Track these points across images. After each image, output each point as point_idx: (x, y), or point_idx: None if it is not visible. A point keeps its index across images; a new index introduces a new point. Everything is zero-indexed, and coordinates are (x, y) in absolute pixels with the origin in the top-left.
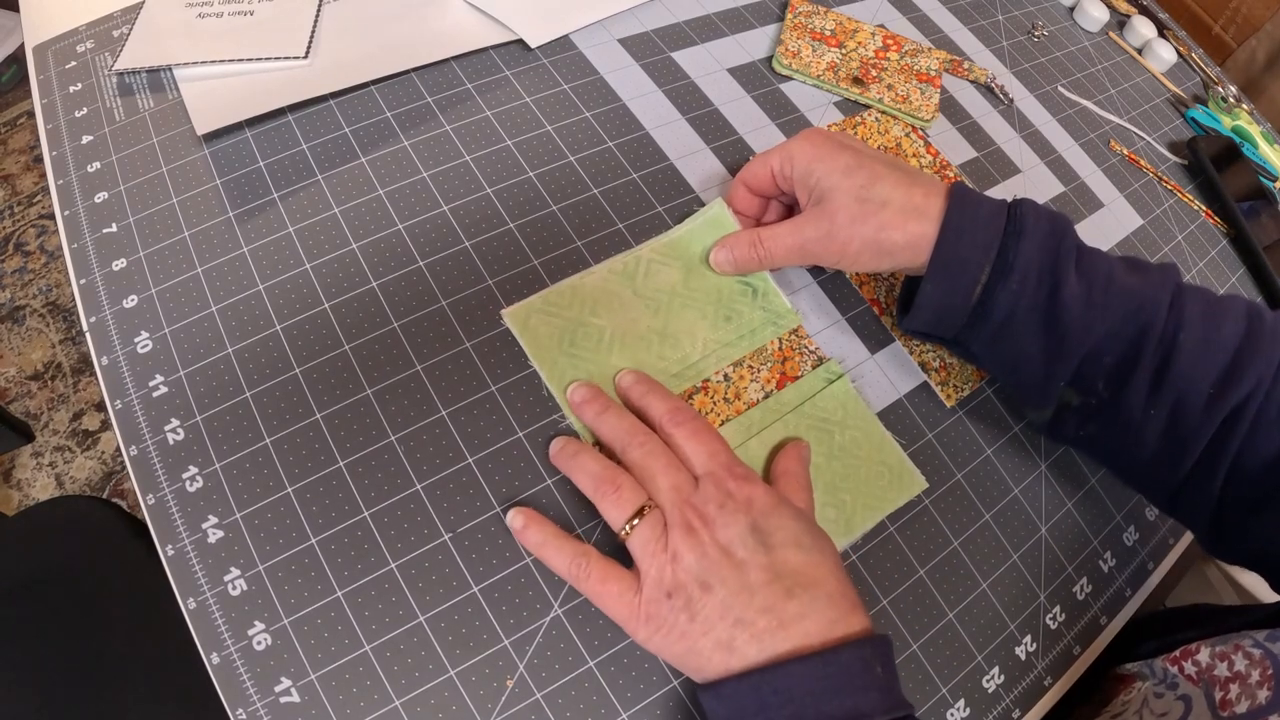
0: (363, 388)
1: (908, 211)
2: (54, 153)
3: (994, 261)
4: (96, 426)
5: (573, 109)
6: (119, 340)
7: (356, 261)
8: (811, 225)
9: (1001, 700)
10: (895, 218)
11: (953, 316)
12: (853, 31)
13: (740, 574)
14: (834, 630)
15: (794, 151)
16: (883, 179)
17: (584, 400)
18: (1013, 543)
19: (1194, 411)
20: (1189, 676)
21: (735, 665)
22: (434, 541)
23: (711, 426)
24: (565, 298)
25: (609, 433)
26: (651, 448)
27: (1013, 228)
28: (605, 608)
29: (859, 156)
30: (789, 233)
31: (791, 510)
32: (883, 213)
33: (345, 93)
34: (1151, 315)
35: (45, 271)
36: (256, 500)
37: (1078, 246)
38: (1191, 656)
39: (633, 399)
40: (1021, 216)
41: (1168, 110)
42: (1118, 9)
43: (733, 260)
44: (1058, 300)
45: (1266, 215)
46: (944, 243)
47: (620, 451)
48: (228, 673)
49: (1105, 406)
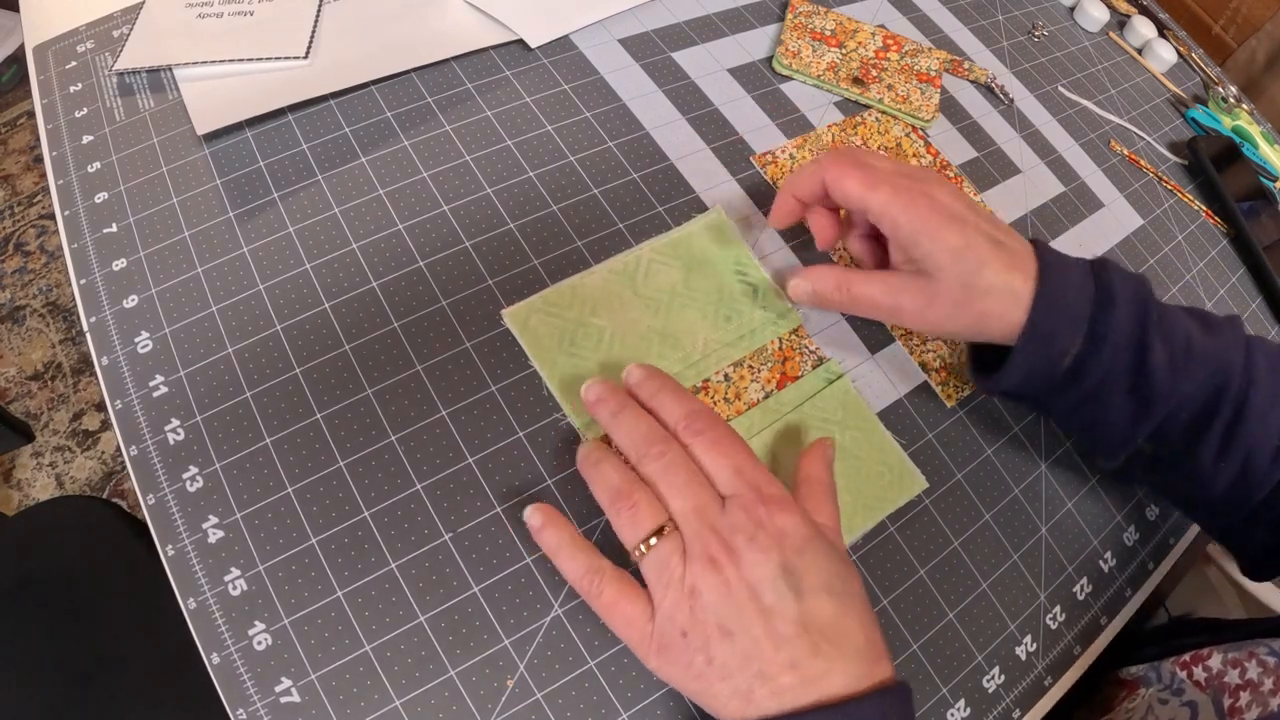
0: (363, 388)
1: (1007, 298)
2: (54, 153)
3: (1085, 333)
4: (96, 426)
5: (573, 109)
6: (119, 340)
7: (357, 261)
8: (909, 296)
9: (1002, 700)
10: (996, 306)
11: (1040, 382)
12: (853, 31)
13: (766, 623)
14: (858, 684)
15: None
16: (989, 264)
17: (598, 399)
18: (1013, 543)
19: (1262, 463)
20: (1197, 683)
21: (751, 715)
22: (434, 541)
23: (733, 432)
24: (565, 298)
25: (623, 438)
26: (670, 460)
27: (1102, 297)
28: (615, 629)
29: (965, 233)
30: (882, 294)
31: (825, 546)
32: (985, 301)
33: (345, 93)
34: (1227, 375)
35: (45, 271)
36: (257, 500)
37: (1159, 309)
38: (1202, 662)
39: (642, 398)
40: (1109, 285)
41: (1168, 110)
42: (1118, 9)
43: (812, 293)
44: (1145, 367)
45: (1266, 215)
46: (1037, 316)
47: (635, 462)
48: (228, 673)
49: (1177, 457)
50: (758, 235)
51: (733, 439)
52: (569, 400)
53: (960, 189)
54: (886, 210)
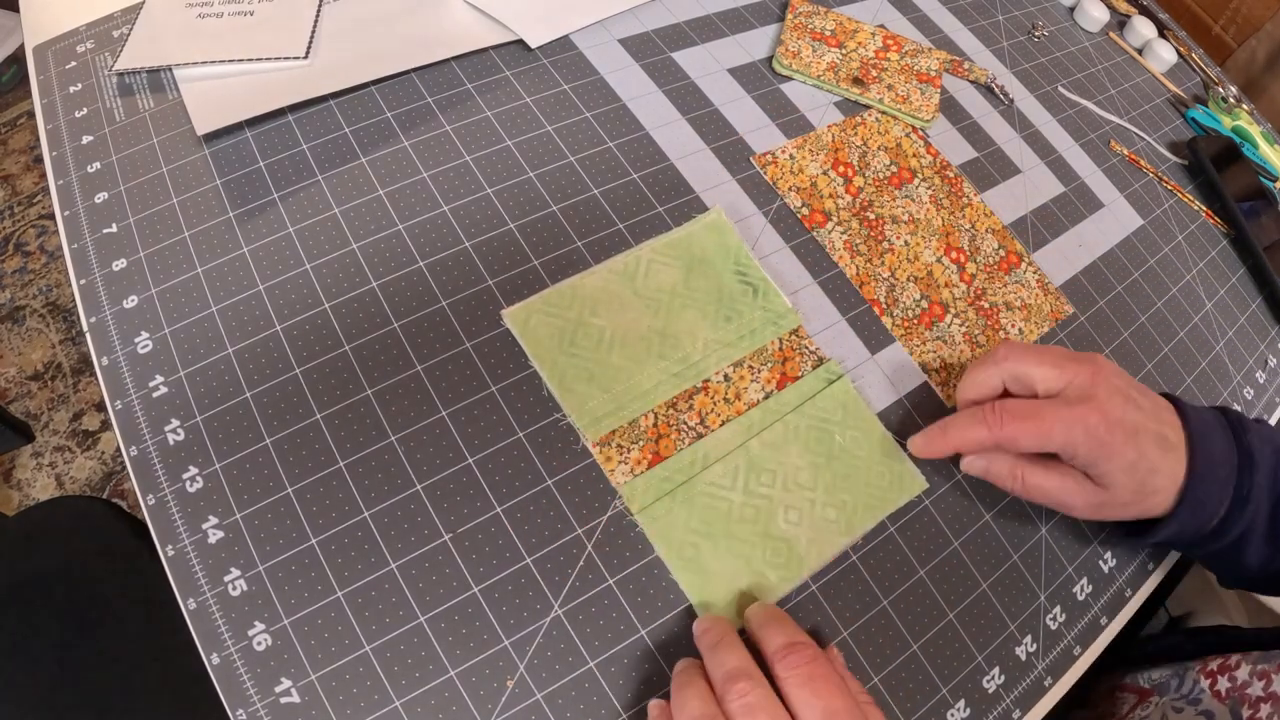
0: (363, 388)
1: (1170, 489)
2: (54, 153)
3: (1231, 498)
4: (96, 426)
5: (573, 109)
6: (119, 340)
7: (356, 262)
8: (1082, 499)
9: (1002, 700)
10: (1160, 501)
11: (1188, 539)
12: (853, 32)
13: None
14: None
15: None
16: (1158, 471)
17: (703, 631)
18: (1013, 543)
19: None
20: (1217, 693)
21: None
22: (434, 542)
23: (833, 672)
24: (565, 298)
25: (714, 671)
26: (751, 700)
27: (1244, 461)
28: None
29: (1137, 446)
30: (1056, 489)
31: None
32: (1152, 499)
33: (345, 93)
34: None
35: (45, 271)
36: (257, 500)
37: None
38: (1229, 671)
39: (751, 627)
40: (1250, 449)
41: (1168, 110)
42: (1118, 9)
43: (986, 472)
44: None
45: (1266, 215)
46: (1190, 492)
47: (720, 697)
48: (228, 673)
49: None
50: (758, 235)
51: (828, 678)
52: (569, 400)
53: (1120, 370)
54: (1064, 448)
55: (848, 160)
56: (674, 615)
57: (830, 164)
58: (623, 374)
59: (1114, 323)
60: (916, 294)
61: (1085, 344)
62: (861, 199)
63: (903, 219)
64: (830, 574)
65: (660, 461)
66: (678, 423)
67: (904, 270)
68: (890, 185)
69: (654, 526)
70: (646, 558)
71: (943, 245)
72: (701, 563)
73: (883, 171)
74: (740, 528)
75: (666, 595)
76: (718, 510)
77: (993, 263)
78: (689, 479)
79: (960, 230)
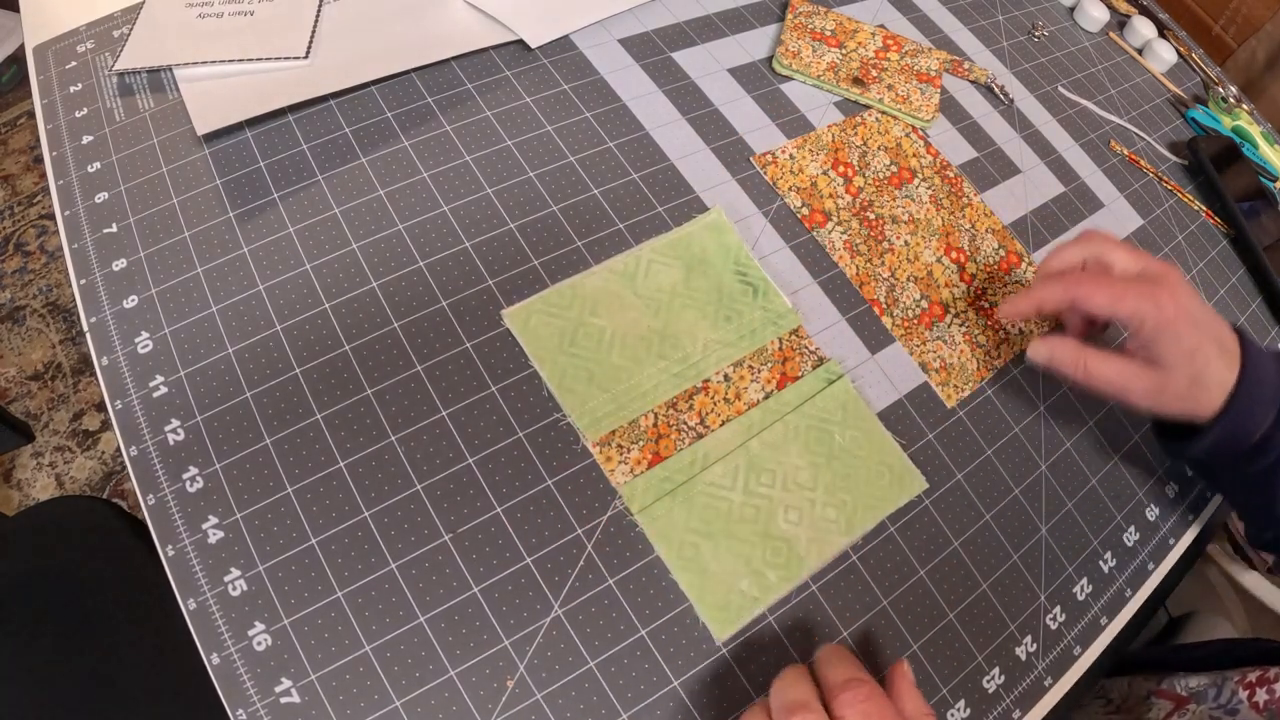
0: (363, 388)
1: (1220, 390)
2: (54, 153)
3: (1275, 415)
4: (96, 426)
5: (573, 109)
6: (119, 340)
7: (356, 261)
8: (1141, 383)
9: (1002, 700)
10: (1212, 398)
11: (1226, 453)
12: (853, 32)
13: None
14: None
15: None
16: (1212, 364)
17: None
18: (1013, 543)
19: None
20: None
21: None
22: (434, 542)
23: (890, 709)
24: (565, 298)
25: (774, 700)
26: None
27: None
28: None
29: (1198, 336)
30: (1117, 374)
31: None
32: (1205, 394)
33: (345, 93)
34: None
35: (45, 271)
36: (257, 500)
37: None
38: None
39: (816, 665)
40: None
41: (1168, 110)
42: (1118, 9)
43: (1050, 358)
44: None
45: (1266, 215)
46: (1238, 399)
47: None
48: (228, 673)
49: None
50: (758, 235)
51: (884, 713)
52: (569, 400)
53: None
54: (1132, 317)
55: (848, 160)
56: (674, 615)
57: (830, 164)
58: (623, 374)
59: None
60: (916, 294)
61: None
62: (861, 199)
63: (903, 219)
64: (830, 574)
65: (660, 461)
66: (678, 423)
67: (904, 270)
68: (890, 185)
69: (654, 526)
70: (646, 558)
71: (943, 245)
72: (701, 562)
73: (883, 171)
74: (740, 528)
75: (666, 595)
76: (718, 510)
77: (993, 263)
78: (689, 479)
79: (960, 230)
